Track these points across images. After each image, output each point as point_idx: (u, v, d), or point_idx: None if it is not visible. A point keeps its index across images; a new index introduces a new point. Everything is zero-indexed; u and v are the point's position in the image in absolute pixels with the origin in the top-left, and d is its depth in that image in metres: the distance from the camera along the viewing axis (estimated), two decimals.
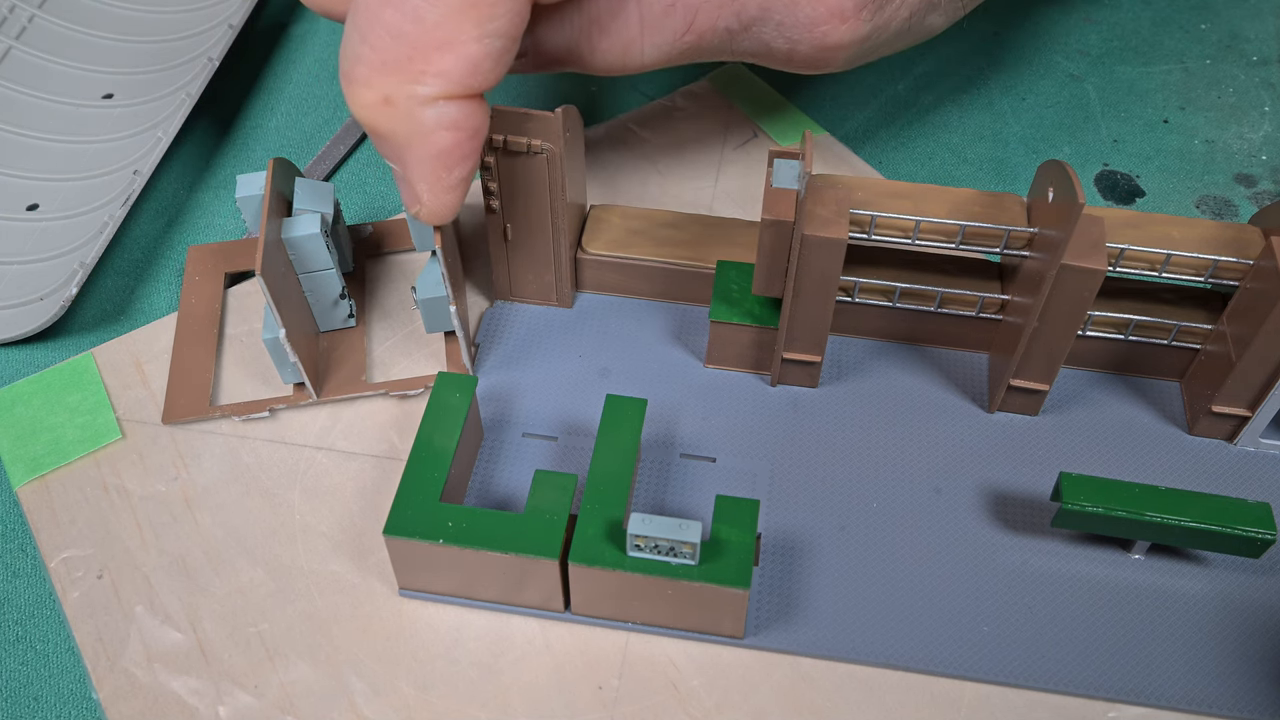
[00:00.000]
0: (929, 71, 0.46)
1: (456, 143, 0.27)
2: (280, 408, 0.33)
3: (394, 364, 0.34)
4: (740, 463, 0.32)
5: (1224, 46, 0.47)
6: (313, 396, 0.33)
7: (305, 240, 0.32)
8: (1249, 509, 0.28)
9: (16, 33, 0.45)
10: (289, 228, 0.32)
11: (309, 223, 0.32)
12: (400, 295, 0.36)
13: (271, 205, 0.31)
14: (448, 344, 0.35)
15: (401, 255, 0.38)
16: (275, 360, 0.32)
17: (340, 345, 0.35)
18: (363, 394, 0.33)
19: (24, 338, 0.36)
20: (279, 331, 0.31)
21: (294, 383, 0.33)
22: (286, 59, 0.47)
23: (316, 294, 0.34)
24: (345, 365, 0.34)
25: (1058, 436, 0.33)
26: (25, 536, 0.31)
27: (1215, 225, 0.30)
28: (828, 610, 0.29)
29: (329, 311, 0.34)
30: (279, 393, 0.34)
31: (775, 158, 0.31)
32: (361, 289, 0.36)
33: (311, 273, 0.33)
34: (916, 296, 0.33)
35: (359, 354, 0.34)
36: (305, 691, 0.28)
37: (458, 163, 0.27)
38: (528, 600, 0.29)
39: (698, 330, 0.35)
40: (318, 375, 0.33)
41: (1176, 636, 0.29)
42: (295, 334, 0.31)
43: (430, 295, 0.32)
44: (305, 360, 0.32)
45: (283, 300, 0.31)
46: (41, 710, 0.28)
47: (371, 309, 0.36)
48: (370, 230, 0.38)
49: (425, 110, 0.26)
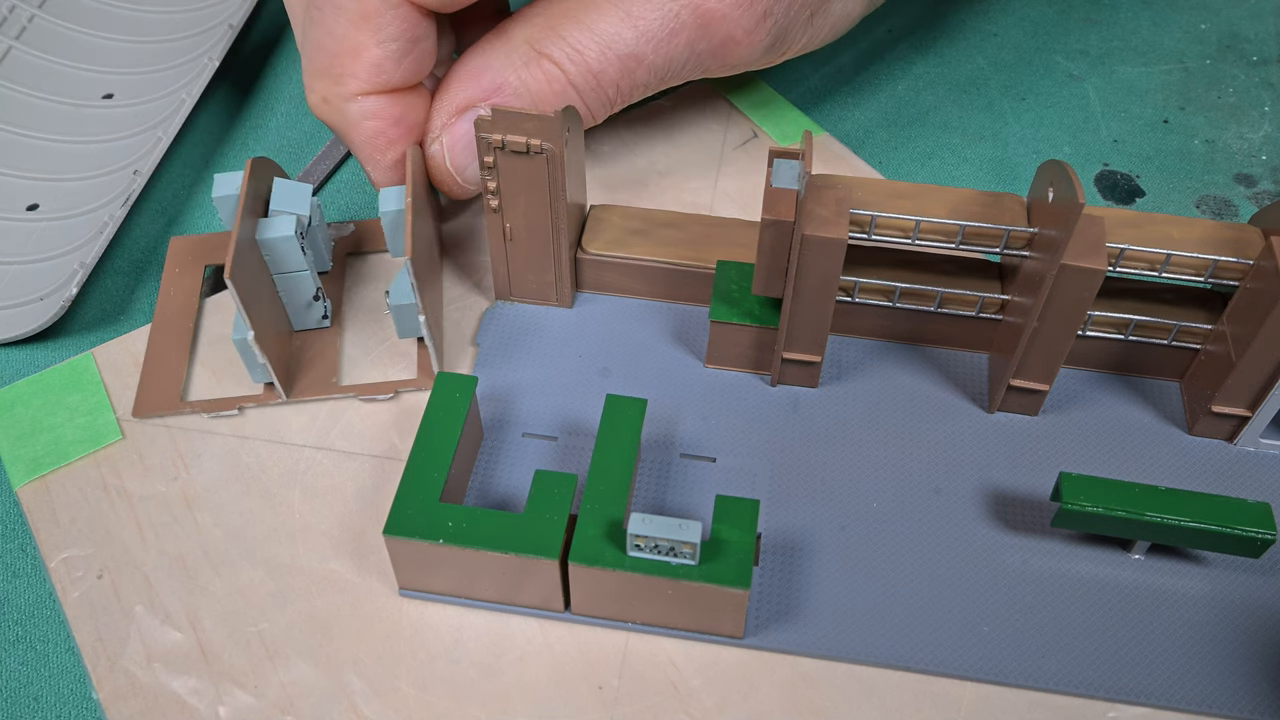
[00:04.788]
0: (929, 71, 0.46)
1: (379, 130, 0.33)
2: (249, 406, 0.33)
3: (367, 366, 0.34)
4: (740, 463, 0.32)
5: (1224, 46, 0.47)
6: (282, 397, 0.33)
7: (279, 242, 0.32)
8: (1249, 509, 0.28)
9: (16, 33, 0.45)
10: (264, 229, 0.32)
11: (284, 224, 0.32)
12: (377, 296, 0.36)
13: (247, 205, 0.31)
14: (419, 350, 0.35)
15: (383, 255, 0.38)
16: (245, 360, 0.32)
17: (313, 346, 0.35)
18: (331, 396, 0.33)
19: (24, 338, 0.36)
20: (247, 333, 0.31)
21: (264, 382, 0.33)
22: (286, 59, 0.47)
23: (290, 295, 0.34)
24: (316, 366, 0.34)
25: (1058, 436, 0.33)
26: (25, 536, 0.31)
27: (1215, 225, 0.30)
28: (828, 610, 0.29)
29: (303, 312, 0.34)
30: (253, 391, 0.34)
31: (775, 158, 0.31)
32: (340, 288, 0.36)
33: (285, 274, 0.33)
34: (916, 296, 0.33)
35: (332, 355, 0.34)
36: (305, 691, 0.28)
37: (387, 146, 0.33)
38: (528, 600, 0.29)
39: (698, 330, 0.35)
40: (288, 375, 0.33)
41: (1176, 636, 0.29)
42: (266, 334, 0.31)
43: (401, 301, 0.32)
44: (276, 361, 0.32)
45: (253, 301, 0.31)
46: (41, 710, 0.28)
47: (348, 310, 0.36)
48: (353, 229, 0.38)
49: (349, 105, 0.33)
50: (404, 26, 0.32)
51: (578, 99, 0.34)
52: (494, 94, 0.33)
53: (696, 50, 0.34)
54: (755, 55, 0.35)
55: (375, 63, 0.32)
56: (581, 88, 0.33)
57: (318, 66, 0.32)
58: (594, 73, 0.33)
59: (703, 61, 0.35)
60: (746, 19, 0.34)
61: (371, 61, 0.32)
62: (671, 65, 0.34)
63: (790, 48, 0.37)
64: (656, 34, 0.33)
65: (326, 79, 0.32)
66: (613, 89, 0.34)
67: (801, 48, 0.37)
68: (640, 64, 0.34)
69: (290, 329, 0.34)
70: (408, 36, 0.32)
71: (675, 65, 0.34)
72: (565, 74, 0.33)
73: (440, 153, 0.34)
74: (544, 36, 0.33)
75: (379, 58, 0.32)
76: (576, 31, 0.33)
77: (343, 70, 0.32)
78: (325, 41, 0.32)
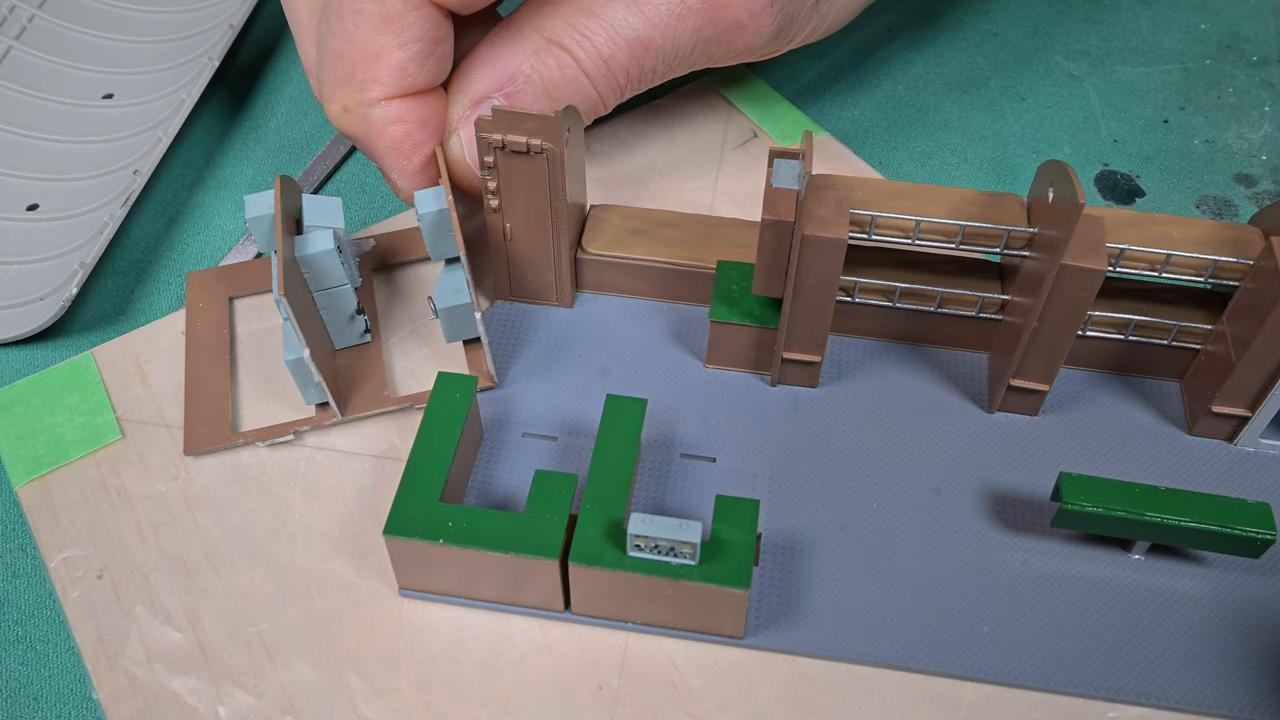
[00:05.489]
0: (929, 71, 0.46)
1: (406, 134, 0.33)
2: (305, 430, 0.32)
3: (415, 377, 0.34)
4: (740, 463, 0.32)
5: (1224, 46, 0.47)
6: (337, 416, 0.32)
7: (320, 257, 0.31)
8: (1249, 509, 0.28)
9: (16, 33, 0.45)
10: (302, 245, 0.31)
11: (322, 239, 0.31)
12: (413, 307, 0.36)
13: (284, 224, 0.31)
14: (469, 352, 0.34)
15: (408, 266, 0.37)
16: (298, 381, 0.32)
17: (358, 361, 0.34)
18: (388, 409, 0.33)
19: (24, 338, 0.36)
20: (303, 352, 0.30)
21: (317, 403, 0.33)
22: (286, 59, 0.47)
23: (331, 311, 0.33)
24: (366, 382, 0.33)
25: (1058, 436, 0.33)
26: (25, 536, 0.31)
27: (1215, 225, 0.30)
28: (828, 610, 0.29)
29: (345, 328, 0.34)
30: (298, 412, 0.33)
31: (775, 158, 0.31)
32: (372, 303, 0.36)
33: (326, 290, 0.32)
34: (916, 296, 0.33)
35: (379, 369, 0.34)
36: (305, 691, 0.28)
37: (413, 150, 0.33)
38: (528, 600, 0.29)
39: (698, 330, 0.35)
40: (339, 393, 0.33)
41: (1176, 636, 0.29)
42: (316, 354, 0.31)
43: (451, 303, 0.32)
44: (326, 379, 0.31)
45: (302, 319, 0.30)
46: (41, 710, 0.28)
47: (385, 323, 0.35)
48: (373, 244, 0.37)
49: (373, 111, 0.32)
50: (426, 27, 0.31)
51: (589, 86, 0.34)
52: (507, 83, 0.33)
53: (704, 36, 0.34)
54: (761, 41, 0.35)
55: (399, 66, 0.31)
56: (593, 74, 0.33)
57: (338, 75, 0.32)
58: (604, 59, 0.33)
59: (709, 48, 0.35)
60: (753, 4, 0.34)
61: (395, 65, 0.31)
62: (679, 51, 0.34)
63: (796, 35, 0.37)
64: (664, 19, 0.33)
65: (348, 87, 0.32)
66: (623, 75, 0.34)
67: (806, 36, 0.37)
68: (649, 50, 0.34)
69: (333, 347, 0.34)
70: (429, 37, 0.31)
71: (683, 51, 0.34)
72: (577, 60, 0.33)
73: (459, 147, 0.34)
74: (554, 25, 0.33)
75: (402, 60, 0.31)
76: (585, 19, 0.33)
77: (365, 76, 0.32)
78: (344, 49, 0.31)
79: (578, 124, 0.32)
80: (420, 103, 0.33)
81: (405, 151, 0.33)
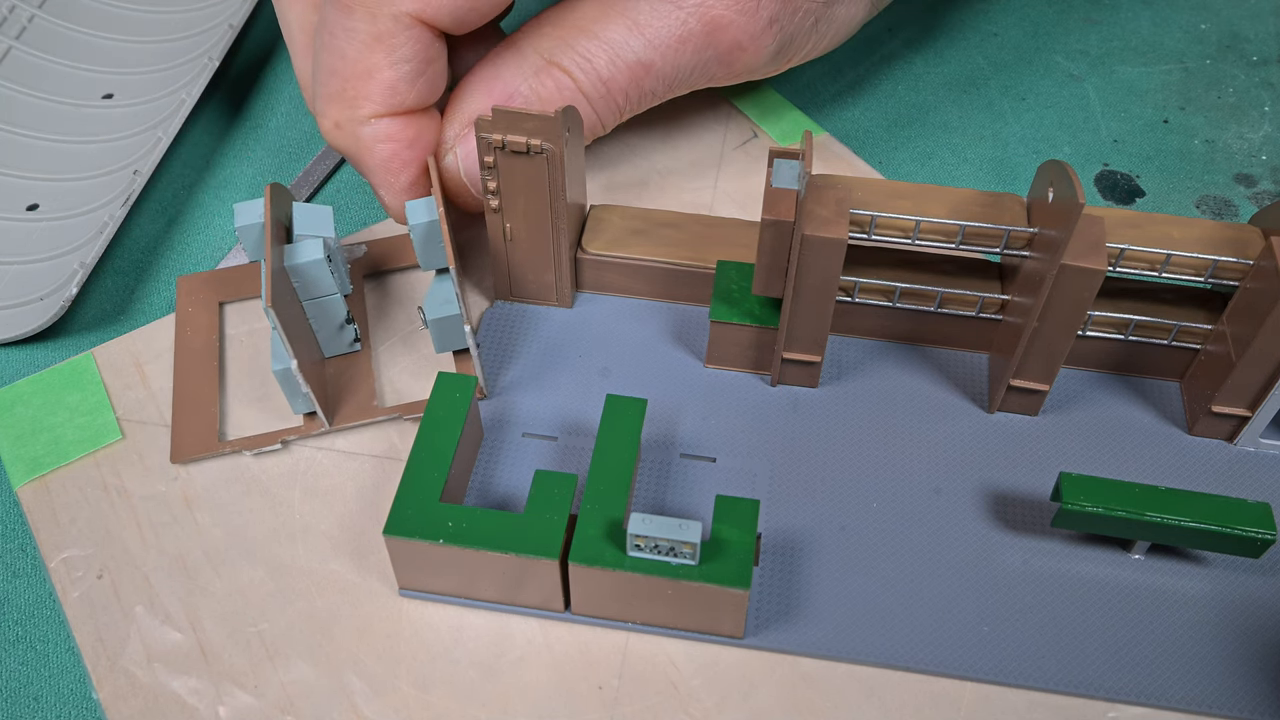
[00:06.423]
0: (929, 71, 0.46)
1: (394, 152, 0.33)
2: (293, 439, 0.32)
3: (404, 386, 0.34)
4: (740, 463, 0.32)
5: (1224, 46, 0.47)
6: (325, 425, 0.32)
7: (309, 266, 0.31)
8: (1249, 509, 0.28)
9: (16, 33, 0.45)
10: (291, 254, 0.31)
11: (312, 248, 0.31)
12: (403, 315, 0.36)
13: (273, 232, 0.31)
14: (459, 363, 0.34)
15: (400, 273, 0.37)
16: (286, 391, 0.32)
17: (347, 371, 0.34)
18: (376, 419, 0.33)
19: (24, 338, 0.36)
20: (290, 362, 0.30)
21: (305, 412, 0.33)
22: (286, 59, 0.47)
23: (321, 320, 0.33)
24: (355, 391, 0.33)
25: (1058, 436, 0.33)
26: (25, 536, 0.31)
27: (1215, 225, 0.30)
28: (828, 610, 0.29)
29: (334, 337, 0.34)
30: (287, 420, 0.33)
31: (775, 158, 0.31)
32: (362, 310, 0.36)
33: (315, 299, 0.32)
34: (916, 296, 0.33)
35: (368, 378, 0.34)
36: (305, 691, 0.28)
37: (401, 168, 0.33)
38: (528, 600, 0.29)
39: (698, 330, 0.35)
40: (328, 403, 0.33)
41: (1176, 636, 0.29)
42: (303, 363, 0.31)
43: (441, 314, 0.32)
44: (315, 389, 0.31)
45: (290, 329, 0.30)
46: (41, 710, 0.28)
47: (376, 330, 0.35)
48: (365, 250, 0.37)
49: (363, 129, 0.32)
50: (417, 48, 0.31)
51: (588, 107, 0.34)
52: (506, 103, 0.33)
53: (704, 58, 0.34)
54: (761, 62, 0.36)
55: (389, 84, 0.32)
56: (592, 96, 0.34)
57: (330, 91, 0.32)
58: (604, 80, 0.33)
59: (709, 69, 0.35)
60: (752, 25, 0.34)
61: (385, 83, 0.32)
62: (679, 73, 0.34)
63: (795, 54, 0.37)
64: (665, 42, 0.33)
65: (339, 103, 0.32)
66: (622, 97, 0.34)
67: (806, 54, 0.37)
68: (649, 72, 0.34)
69: (322, 356, 0.34)
70: (421, 57, 0.32)
71: (683, 73, 0.35)
72: (576, 82, 0.33)
73: (454, 164, 0.34)
74: (554, 46, 0.33)
75: (393, 79, 0.32)
76: (586, 40, 0.33)
77: (356, 93, 0.32)
78: (337, 65, 0.32)
79: (577, 124, 0.32)
80: (410, 122, 0.33)
81: (394, 170, 0.33)
